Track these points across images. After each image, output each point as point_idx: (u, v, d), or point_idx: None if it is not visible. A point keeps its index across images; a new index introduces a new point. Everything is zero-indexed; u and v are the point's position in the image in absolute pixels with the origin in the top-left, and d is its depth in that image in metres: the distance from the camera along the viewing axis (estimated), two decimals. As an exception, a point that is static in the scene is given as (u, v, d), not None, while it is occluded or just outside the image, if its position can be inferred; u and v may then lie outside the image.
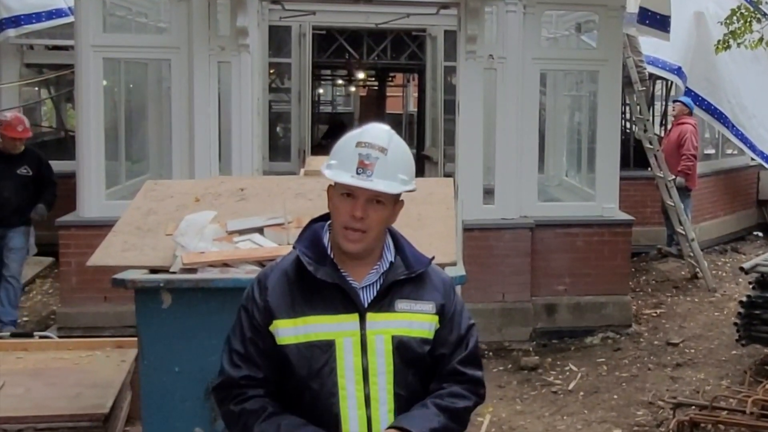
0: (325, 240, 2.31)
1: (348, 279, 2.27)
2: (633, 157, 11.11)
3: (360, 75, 18.50)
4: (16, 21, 9.38)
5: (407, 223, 2.99)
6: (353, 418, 2.23)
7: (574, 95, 10.40)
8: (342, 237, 2.23)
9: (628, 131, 11.48)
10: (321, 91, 21.97)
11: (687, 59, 10.28)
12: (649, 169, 9.76)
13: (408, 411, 2.26)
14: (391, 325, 2.26)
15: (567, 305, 7.80)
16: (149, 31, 8.71)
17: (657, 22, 8.45)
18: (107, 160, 7.48)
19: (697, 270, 9.43)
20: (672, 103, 11.31)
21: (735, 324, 6.74)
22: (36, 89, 11.84)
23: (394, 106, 21.16)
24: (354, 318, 2.24)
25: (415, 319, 2.29)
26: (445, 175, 9.62)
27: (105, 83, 7.59)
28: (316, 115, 17.00)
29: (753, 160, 11.57)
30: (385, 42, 12.78)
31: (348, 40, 12.75)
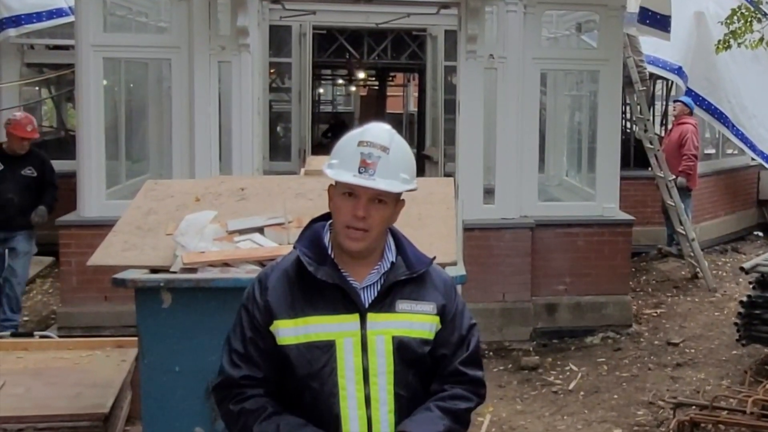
0: (326, 240, 2.31)
1: (349, 279, 2.26)
2: (633, 157, 11.12)
3: (360, 75, 18.50)
4: (16, 20, 9.36)
5: (408, 223, 2.99)
6: (353, 418, 2.22)
7: (574, 95, 10.40)
8: (344, 236, 2.23)
9: (628, 131, 11.48)
10: (321, 91, 21.98)
11: (687, 59, 10.28)
12: (650, 169, 9.76)
13: (409, 412, 2.26)
14: (392, 326, 2.25)
15: (567, 305, 7.80)
16: (150, 31, 8.70)
17: (657, 21, 8.45)
18: (107, 159, 7.47)
19: (698, 270, 9.43)
20: (672, 103, 11.32)
21: (735, 324, 6.74)
22: (36, 89, 11.83)
23: (394, 105, 21.16)
24: (354, 318, 2.23)
25: (416, 320, 2.28)
26: (446, 175, 9.62)
27: (105, 83, 7.58)
28: (316, 115, 17.01)
29: (753, 159, 11.57)
30: (386, 42, 12.78)
31: (348, 39, 12.75)
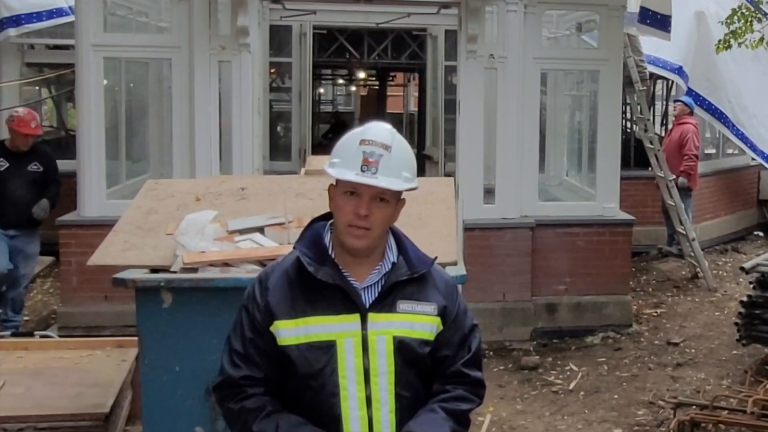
0: (326, 240, 2.30)
1: (349, 279, 2.26)
2: (634, 157, 11.13)
3: (361, 74, 18.53)
4: (16, 20, 9.36)
5: (408, 223, 2.98)
6: (354, 418, 2.22)
7: (574, 95, 10.39)
8: (346, 234, 2.23)
9: (628, 131, 11.49)
10: (322, 91, 22.01)
11: (688, 59, 10.28)
12: (650, 169, 9.76)
13: (410, 412, 2.26)
14: (393, 326, 2.25)
15: (567, 305, 7.80)
16: (150, 31, 8.70)
17: (658, 21, 8.44)
18: (108, 159, 7.46)
19: (698, 270, 9.43)
20: (673, 103, 11.32)
21: (735, 324, 6.74)
22: (36, 88, 11.83)
23: (394, 105, 21.18)
24: (355, 318, 2.23)
25: (417, 321, 2.28)
26: (446, 175, 9.62)
27: (105, 82, 7.57)
28: (316, 115, 17.02)
29: (753, 159, 11.58)
30: (386, 41, 12.78)
31: (349, 39, 12.75)
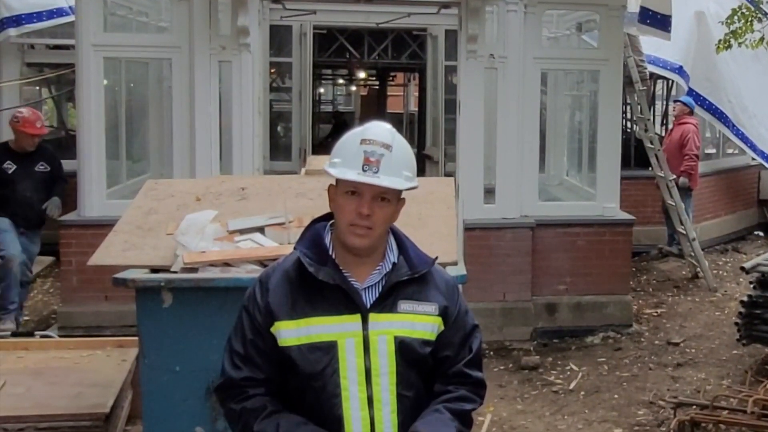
0: (327, 240, 2.30)
1: (350, 280, 2.26)
2: (634, 157, 11.13)
3: (361, 74, 18.53)
4: (17, 20, 9.35)
5: (408, 223, 2.98)
6: (356, 419, 2.22)
7: (574, 95, 10.39)
8: (348, 234, 2.23)
9: (628, 131, 11.49)
10: (322, 91, 22.01)
11: (688, 59, 10.27)
12: (650, 169, 9.76)
13: (412, 412, 2.26)
14: (394, 326, 2.25)
15: (568, 305, 7.80)
16: (150, 31, 8.69)
17: (658, 21, 8.44)
18: (108, 159, 7.45)
19: (698, 269, 9.43)
20: (672, 103, 11.32)
21: (736, 323, 6.74)
22: (37, 88, 11.82)
23: (394, 105, 21.19)
24: (356, 319, 2.23)
25: (418, 321, 2.28)
26: (446, 175, 9.62)
27: (106, 82, 7.56)
28: (316, 115, 17.02)
29: (754, 159, 11.58)
30: (386, 41, 12.79)
31: (349, 39, 12.75)
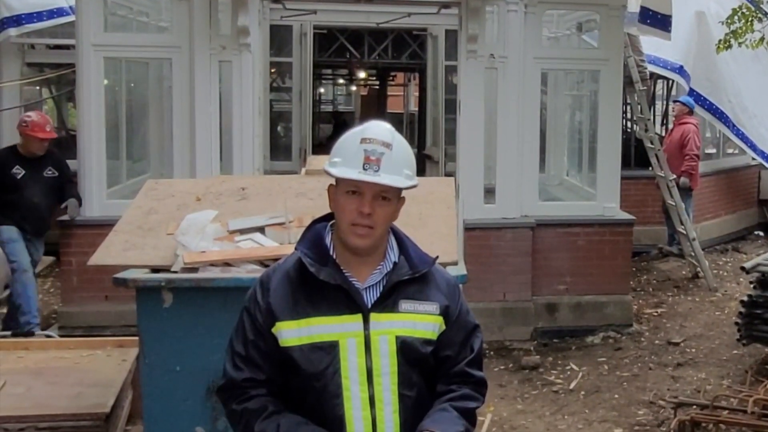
0: (327, 241, 2.30)
1: (351, 279, 2.26)
2: (634, 157, 11.13)
3: (361, 74, 18.54)
4: (17, 20, 9.35)
5: (408, 223, 2.99)
6: (358, 419, 2.22)
7: (575, 95, 10.39)
8: (350, 233, 2.23)
9: (629, 131, 11.49)
10: (322, 91, 22.03)
11: (688, 59, 10.27)
12: (650, 169, 9.76)
13: (414, 412, 2.26)
14: (395, 326, 2.25)
15: (568, 304, 7.80)
16: (150, 30, 8.69)
17: (658, 21, 8.44)
18: (108, 159, 7.46)
19: (698, 269, 9.43)
20: (672, 103, 11.31)
21: (736, 323, 6.74)
22: (37, 88, 11.81)
23: (395, 105, 21.21)
24: (357, 319, 2.23)
25: (419, 320, 2.28)
26: (446, 175, 9.62)
27: (106, 82, 7.57)
28: (317, 115, 17.03)
29: (754, 159, 11.58)
30: (386, 41, 12.80)
31: (349, 39, 12.76)
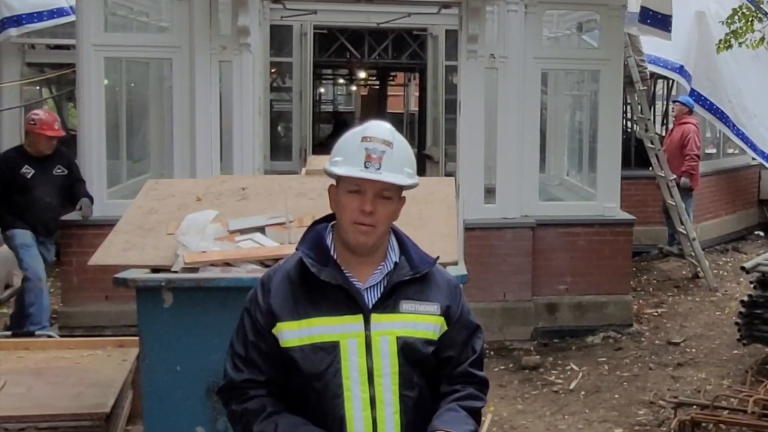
0: (328, 241, 2.30)
1: (352, 280, 2.26)
2: (634, 157, 11.13)
3: (361, 74, 18.53)
4: (17, 20, 9.35)
5: (408, 223, 2.99)
6: (359, 419, 2.22)
7: (575, 94, 10.40)
8: (351, 232, 2.23)
9: (629, 131, 11.49)
10: (322, 91, 22.02)
11: (688, 59, 10.27)
12: (651, 169, 9.76)
13: (415, 413, 2.26)
14: (396, 326, 2.25)
15: (568, 304, 7.80)
16: (150, 31, 8.69)
17: (658, 21, 8.44)
18: (108, 159, 7.46)
19: (699, 269, 9.43)
20: (672, 104, 11.31)
21: (736, 323, 6.74)
22: (37, 88, 11.82)
23: (395, 105, 21.20)
24: (358, 319, 2.23)
25: (420, 320, 2.28)
26: (447, 175, 9.62)
27: (106, 82, 7.58)
28: (317, 115, 17.03)
29: (754, 159, 11.58)
30: (387, 41, 12.79)
31: (349, 39, 12.76)
